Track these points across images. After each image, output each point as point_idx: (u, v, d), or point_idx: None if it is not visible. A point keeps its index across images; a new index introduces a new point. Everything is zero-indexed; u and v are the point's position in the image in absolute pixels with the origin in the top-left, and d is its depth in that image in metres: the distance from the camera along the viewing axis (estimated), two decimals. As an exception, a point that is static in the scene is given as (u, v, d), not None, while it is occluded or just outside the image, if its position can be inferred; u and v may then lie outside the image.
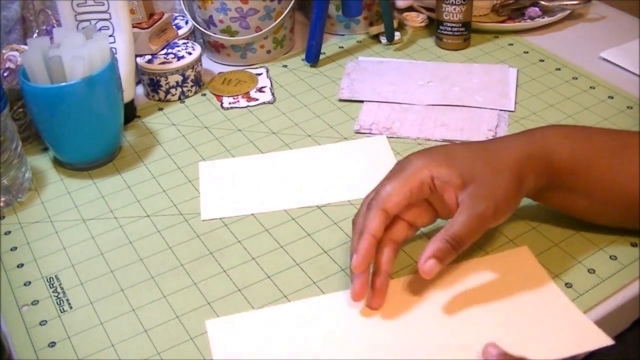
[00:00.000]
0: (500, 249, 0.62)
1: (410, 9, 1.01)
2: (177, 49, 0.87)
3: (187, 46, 0.87)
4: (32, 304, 0.60)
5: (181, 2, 0.94)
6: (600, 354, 0.58)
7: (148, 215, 0.68)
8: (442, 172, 0.56)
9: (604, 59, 0.89)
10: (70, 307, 0.59)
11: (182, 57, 0.85)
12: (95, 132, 0.73)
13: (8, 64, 0.75)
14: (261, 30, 0.91)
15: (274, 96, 0.86)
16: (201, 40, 0.95)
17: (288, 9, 0.91)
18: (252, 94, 0.87)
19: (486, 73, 0.87)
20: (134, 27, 0.82)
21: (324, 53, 0.94)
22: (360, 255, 0.54)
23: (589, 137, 0.60)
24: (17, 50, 0.77)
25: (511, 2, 0.98)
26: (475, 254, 0.61)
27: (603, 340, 0.53)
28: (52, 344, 0.56)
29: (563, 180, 0.58)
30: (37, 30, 0.86)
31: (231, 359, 0.54)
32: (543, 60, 0.89)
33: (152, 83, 0.85)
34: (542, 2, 0.98)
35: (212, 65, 0.94)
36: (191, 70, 0.86)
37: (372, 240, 0.55)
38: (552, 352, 0.52)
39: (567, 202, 0.60)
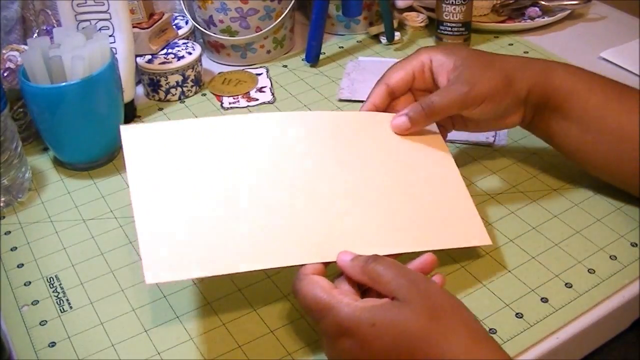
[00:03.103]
0: (500, 248, 0.62)
1: (410, 9, 1.01)
2: (177, 49, 0.87)
3: (187, 46, 0.87)
4: (32, 304, 0.60)
5: (181, 2, 0.94)
6: (601, 354, 0.59)
7: (148, 215, 0.68)
8: (438, 56, 0.62)
9: (604, 59, 0.89)
10: (70, 307, 0.59)
11: (182, 57, 0.85)
12: (95, 132, 0.73)
13: (8, 64, 0.75)
14: (261, 30, 0.91)
15: (274, 96, 0.86)
16: (201, 40, 0.95)
17: (288, 9, 0.91)
18: (252, 94, 0.87)
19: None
20: (134, 27, 0.82)
21: (324, 53, 0.94)
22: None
23: (591, 74, 0.63)
24: (17, 50, 0.77)
25: (511, 2, 0.98)
26: (476, 253, 0.61)
27: (484, 239, 0.57)
28: (52, 344, 0.56)
29: (559, 104, 0.62)
30: (37, 30, 0.86)
31: (145, 168, 0.54)
32: (543, 60, 0.89)
33: (152, 83, 0.85)
34: (542, 2, 0.98)
35: (212, 65, 0.94)
36: (191, 70, 0.86)
37: (372, 108, 0.63)
38: (429, 242, 0.55)
39: (560, 130, 0.63)
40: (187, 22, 0.93)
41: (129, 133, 0.56)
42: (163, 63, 0.84)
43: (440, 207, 0.58)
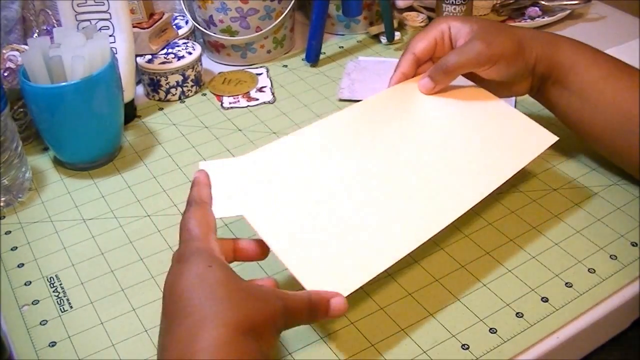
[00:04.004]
0: (500, 248, 0.62)
1: (410, 8, 1.01)
2: (177, 48, 0.87)
3: (187, 46, 0.87)
4: (32, 303, 0.60)
5: (181, 2, 0.94)
6: (601, 354, 0.59)
7: (148, 215, 0.68)
8: (456, 23, 0.67)
9: (604, 59, 0.89)
10: (71, 307, 0.59)
11: (182, 57, 0.85)
12: (96, 132, 0.73)
13: (8, 64, 0.75)
14: (261, 30, 0.91)
15: (274, 96, 0.86)
16: (201, 40, 0.95)
17: (288, 9, 0.91)
18: (252, 93, 0.87)
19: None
20: (134, 27, 0.82)
21: (324, 53, 0.94)
22: (391, 82, 0.68)
23: (594, 50, 0.67)
24: (17, 50, 0.77)
25: (511, 2, 0.98)
26: (476, 253, 0.61)
27: (549, 138, 0.64)
28: (53, 344, 0.56)
29: (561, 76, 0.65)
30: (37, 30, 0.86)
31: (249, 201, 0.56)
32: (543, 60, 0.89)
33: (152, 83, 0.85)
34: (542, 2, 0.98)
35: (212, 65, 0.94)
36: (191, 70, 0.86)
37: (402, 77, 0.68)
38: (511, 166, 0.61)
39: (561, 101, 0.67)
40: (187, 22, 0.93)
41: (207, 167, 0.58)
42: (163, 63, 0.84)
43: (502, 132, 0.64)
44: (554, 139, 0.64)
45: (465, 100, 0.67)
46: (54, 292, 0.61)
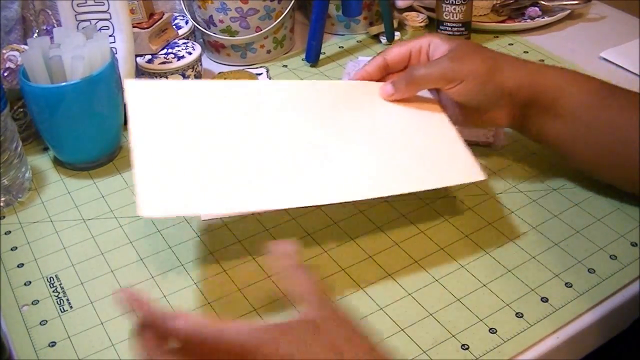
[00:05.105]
0: (500, 248, 0.62)
1: (410, 8, 1.01)
2: (177, 48, 0.87)
3: (187, 46, 0.87)
4: (32, 303, 0.60)
5: (181, 2, 0.94)
6: (601, 354, 0.59)
7: (148, 215, 0.69)
8: (437, 40, 0.66)
9: (604, 59, 0.89)
10: (71, 307, 0.59)
11: (182, 57, 0.85)
12: (96, 132, 0.74)
13: (8, 64, 0.75)
14: (261, 30, 0.91)
15: (274, 96, 0.86)
16: (201, 40, 0.95)
17: (288, 9, 0.91)
18: (252, 93, 0.87)
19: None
20: (134, 27, 0.82)
21: (324, 53, 0.94)
22: (353, 77, 0.68)
23: (582, 75, 0.65)
24: (17, 50, 0.77)
25: (511, 2, 0.98)
26: (476, 253, 0.61)
27: (477, 174, 0.60)
28: (52, 344, 0.56)
29: (549, 102, 0.63)
30: (37, 30, 0.86)
31: (147, 118, 0.58)
32: (543, 60, 0.89)
33: (152, 83, 0.85)
34: (542, 2, 0.98)
35: (212, 65, 0.94)
36: (191, 70, 0.86)
37: (364, 75, 0.68)
38: (423, 182, 0.59)
39: (551, 128, 0.64)
40: (187, 22, 0.93)
41: (133, 86, 0.60)
42: (163, 63, 0.84)
43: (432, 149, 0.62)
44: (480, 177, 0.60)
45: (411, 108, 0.66)
46: (53, 292, 0.61)
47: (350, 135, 0.62)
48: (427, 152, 0.62)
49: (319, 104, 0.65)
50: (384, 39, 0.95)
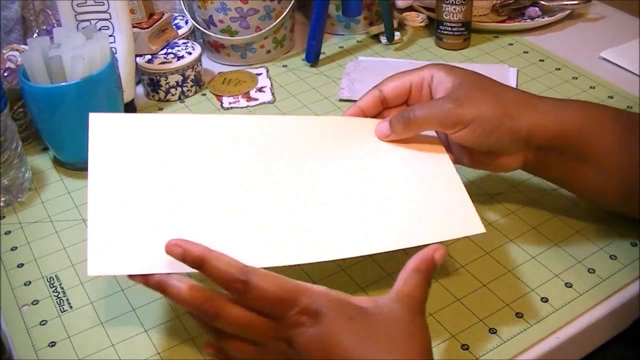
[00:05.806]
0: (500, 248, 0.62)
1: (410, 8, 1.01)
2: (177, 48, 0.87)
3: (187, 46, 0.87)
4: (32, 303, 0.60)
5: (181, 2, 0.94)
6: (601, 354, 0.59)
7: (148, 215, 0.68)
8: (441, 74, 0.59)
9: (604, 59, 0.89)
10: (71, 307, 0.59)
11: (182, 57, 0.85)
12: (95, 132, 0.73)
13: (8, 64, 0.75)
14: (261, 30, 0.91)
15: (274, 96, 0.86)
16: (201, 40, 0.95)
17: (288, 9, 0.91)
18: (252, 93, 0.87)
19: (486, 73, 0.86)
20: (134, 27, 0.83)
21: (324, 53, 0.94)
22: (345, 113, 0.62)
23: (601, 109, 0.60)
24: (17, 50, 0.77)
25: (511, 2, 0.98)
26: (476, 253, 0.61)
27: (476, 227, 0.54)
28: (52, 344, 0.56)
29: (570, 145, 0.56)
30: (37, 30, 0.86)
31: (108, 158, 0.53)
32: (543, 60, 0.89)
33: (152, 83, 0.85)
34: (542, 2, 0.98)
35: (212, 65, 0.94)
36: (191, 70, 0.86)
37: (358, 111, 0.61)
38: (421, 236, 0.52)
39: (574, 172, 0.58)
40: (187, 22, 0.93)
41: (98, 121, 0.55)
42: (163, 63, 0.84)
43: (430, 198, 0.56)
44: (480, 229, 0.53)
45: (410, 149, 0.60)
46: (53, 292, 0.61)
47: (339, 183, 0.56)
48: (425, 202, 0.55)
49: (304, 146, 0.59)
50: (384, 39, 0.95)
